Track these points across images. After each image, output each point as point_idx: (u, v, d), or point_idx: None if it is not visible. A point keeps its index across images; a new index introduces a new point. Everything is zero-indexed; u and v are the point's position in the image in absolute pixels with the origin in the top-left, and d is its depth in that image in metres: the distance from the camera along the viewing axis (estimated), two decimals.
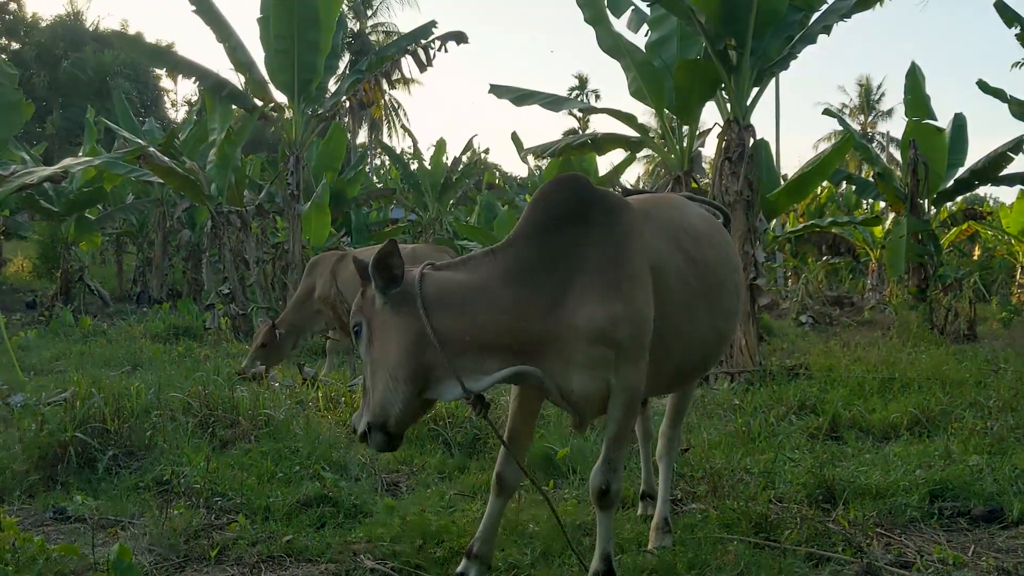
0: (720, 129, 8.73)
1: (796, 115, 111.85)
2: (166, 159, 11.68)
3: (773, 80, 9.32)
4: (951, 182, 14.81)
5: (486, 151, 37.99)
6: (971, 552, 4.03)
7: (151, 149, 11.15)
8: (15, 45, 40.57)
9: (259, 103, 13.38)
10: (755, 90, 8.70)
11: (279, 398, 6.58)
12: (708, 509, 4.55)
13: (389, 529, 4.05)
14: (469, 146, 27.84)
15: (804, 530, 4.09)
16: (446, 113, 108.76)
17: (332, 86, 14.61)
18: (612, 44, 9.20)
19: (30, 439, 5.04)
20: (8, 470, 4.76)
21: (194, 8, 12.53)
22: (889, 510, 4.54)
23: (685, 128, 9.30)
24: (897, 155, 36.36)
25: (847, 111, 54.25)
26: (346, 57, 36.12)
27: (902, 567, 3.86)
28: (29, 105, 9.21)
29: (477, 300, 3.32)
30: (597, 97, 57.90)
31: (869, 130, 53.47)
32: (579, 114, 49.35)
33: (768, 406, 6.86)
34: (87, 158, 9.36)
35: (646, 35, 9.85)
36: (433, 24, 13.81)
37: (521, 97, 9.99)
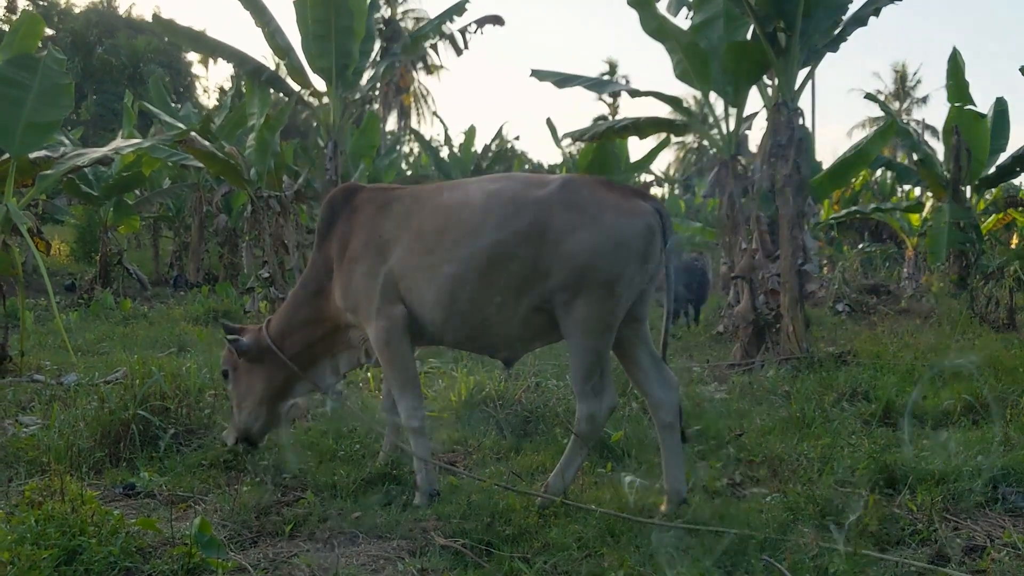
0: (767, 112, 8.64)
1: (829, 102, 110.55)
2: (207, 143, 11.74)
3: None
4: (992, 168, 14.61)
5: (516, 138, 38.03)
6: None
7: (193, 133, 11.20)
8: (49, 31, 40.88)
9: (297, 88, 13.44)
10: (803, 73, 8.60)
11: None
12: (771, 493, 4.54)
13: (457, 507, 4.06)
14: (499, 133, 27.90)
15: (871, 514, 4.06)
16: (472, 99, 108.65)
17: (366, 72, 14.58)
18: (656, 27, 9.12)
19: (92, 417, 5.11)
20: (74, 447, 4.82)
21: None
22: (953, 496, 4.49)
23: (732, 111, 9.22)
24: (932, 142, 36.03)
25: (881, 98, 53.57)
26: (378, 44, 36.10)
27: (973, 552, 3.83)
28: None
29: (297, 324, 4.75)
30: (628, 82, 57.47)
31: (904, 117, 52.89)
32: (609, 99, 49.24)
33: (819, 392, 6.80)
34: (135, 140, 9.42)
35: (687, 18, 9.78)
36: (466, 0, 13.75)
37: (563, 80, 9.96)
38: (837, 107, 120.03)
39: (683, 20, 9.70)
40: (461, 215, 4.25)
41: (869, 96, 15.58)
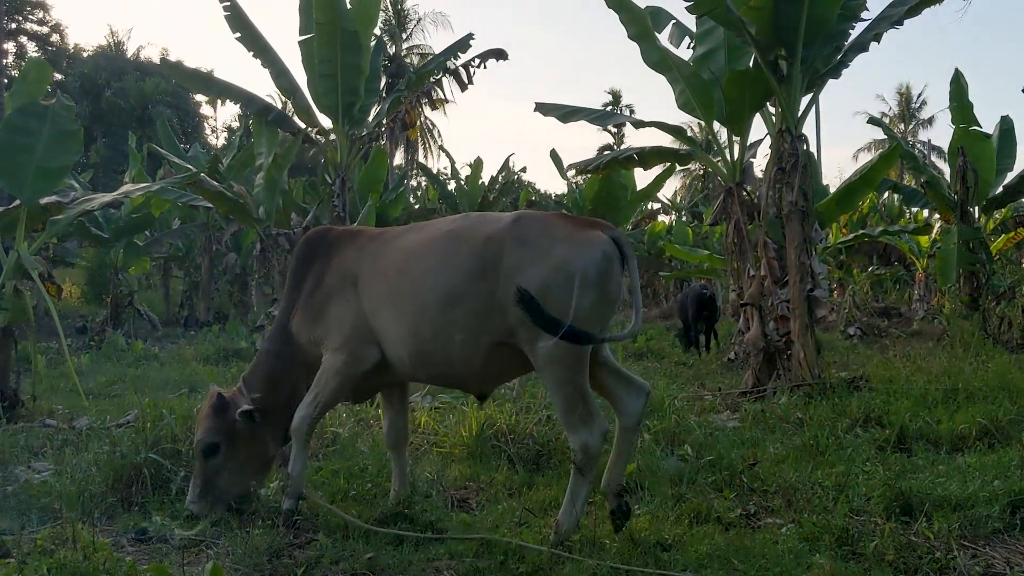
0: (771, 139, 8.67)
1: (834, 125, 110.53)
2: (216, 184, 11.84)
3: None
4: (1000, 188, 14.59)
5: (522, 169, 38.18)
6: None
7: (202, 175, 11.30)
8: (58, 76, 41.40)
9: (304, 126, 13.55)
10: (806, 100, 8.63)
11: (342, 416, 6.61)
12: (786, 523, 4.50)
13: (470, 546, 4.04)
14: (506, 165, 28.00)
15: (888, 542, 4.02)
16: (478, 132, 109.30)
17: (372, 109, 14.68)
18: (658, 58, 9.18)
19: (104, 461, 5.12)
20: (86, 492, 4.82)
21: (238, 36, 12.68)
22: (970, 522, 4.45)
23: (736, 139, 9.25)
24: (939, 163, 36.02)
25: (886, 120, 53.60)
26: (383, 81, 36.38)
27: None
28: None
29: (280, 372, 4.83)
30: (632, 111, 57.72)
31: (910, 138, 52.89)
32: (613, 129, 49.39)
33: (832, 419, 6.75)
34: (145, 184, 9.50)
35: (689, 48, 9.86)
36: (470, 37, 13.82)
37: (567, 114, 9.98)
38: (842, 129, 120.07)
39: (684, 50, 9.80)
40: (419, 255, 4.40)
41: (873, 120, 15.58)
